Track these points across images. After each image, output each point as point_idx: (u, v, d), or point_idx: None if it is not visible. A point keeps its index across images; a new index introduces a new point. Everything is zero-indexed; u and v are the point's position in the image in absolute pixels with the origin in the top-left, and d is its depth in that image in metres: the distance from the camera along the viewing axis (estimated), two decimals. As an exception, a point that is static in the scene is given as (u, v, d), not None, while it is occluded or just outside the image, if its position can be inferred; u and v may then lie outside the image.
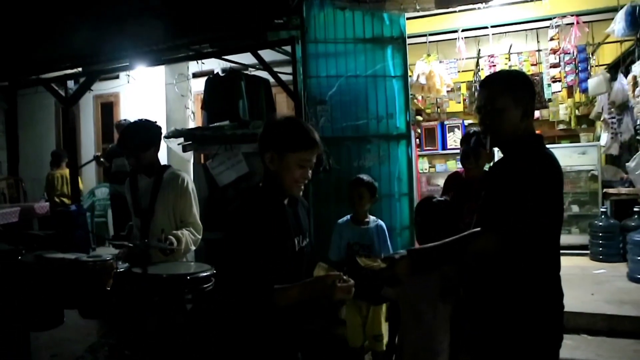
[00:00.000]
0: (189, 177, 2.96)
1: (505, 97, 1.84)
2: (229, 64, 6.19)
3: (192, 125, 7.84)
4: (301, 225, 1.90)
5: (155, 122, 2.96)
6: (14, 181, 8.75)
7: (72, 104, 6.49)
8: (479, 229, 1.80)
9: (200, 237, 2.87)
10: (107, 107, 8.57)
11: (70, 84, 6.51)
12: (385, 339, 3.25)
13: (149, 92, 7.92)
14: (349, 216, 3.37)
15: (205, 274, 2.39)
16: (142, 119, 2.98)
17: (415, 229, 2.51)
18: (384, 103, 4.38)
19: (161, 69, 7.55)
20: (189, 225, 2.84)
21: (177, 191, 2.84)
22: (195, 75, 7.91)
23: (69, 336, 4.47)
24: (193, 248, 2.83)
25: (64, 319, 2.54)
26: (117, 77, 7.81)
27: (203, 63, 6.58)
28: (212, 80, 5.82)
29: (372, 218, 3.37)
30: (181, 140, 4.71)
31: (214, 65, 7.08)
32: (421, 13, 4.60)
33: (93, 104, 8.56)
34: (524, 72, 2.54)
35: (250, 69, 6.20)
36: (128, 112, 8.24)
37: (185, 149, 4.63)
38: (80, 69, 6.07)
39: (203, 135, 4.43)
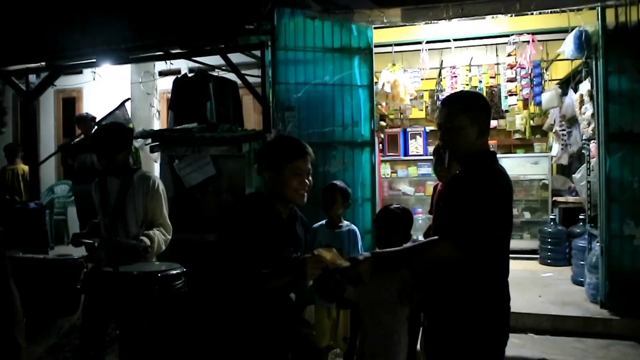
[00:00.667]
0: (159, 179, 3.02)
1: (463, 116, 1.99)
2: (195, 64, 6.22)
3: (157, 123, 7.78)
4: (295, 238, 2.07)
5: (129, 125, 3.01)
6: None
7: (34, 98, 6.36)
8: (436, 237, 1.95)
9: (170, 237, 2.94)
10: (69, 103, 8.39)
11: (32, 78, 6.38)
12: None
13: (114, 89, 7.82)
14: (324, 221, 3.49)
15: (175, 271, 2.47)
16: (115, 122, 3.02)
17: (375, 233, 2.66)
18: (349, 111, 4.55)
19: (127, 66, 7.47)
20: (159, 226, 2.90)
21: (148, 193, 2.90)
22: (161, 74, 7.85)
23: (29, 336, 4.42)
24: (164, 248, 2.89)
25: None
26: (81, 72, 7.66)
27: (172, 63, 6.56)
28: (180, 80, 5.84)
29: (345, 223, 3.50)
30: (149, 140, 4.72)
31: (181, 64, 7.07)
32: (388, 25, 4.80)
33: (54, 99, 8.36)
34: (481, 93, 2.76)
35: (217, 70, 6.24)
36: (92, 108, 8.08)
37: (152, 150, 4.65)
38: (43, 64, 5.94)
39: (172, 136, 4.46)
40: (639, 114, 4.25)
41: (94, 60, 5.63)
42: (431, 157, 7.51)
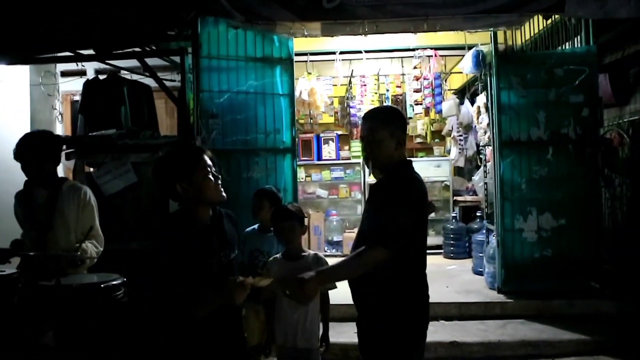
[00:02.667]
0: (89, 190, 2.96)
1: (383, 130, 2.21)
2: (102, 65, 5.97)
3: (59, 127, 7.35)
4: (227, 240, 2.06)
5: (56, 134, 2.92)
6: None
7: None
8: (363, 246, 2.12)
9: (102, 248, 2.90)
10: (-46, 104, 7.59)
11: None
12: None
13: (10, 89, 7.23)
14: (256, 226, 3.59)
15: (116, 282, 2.47)
16: (40, 130, 2.92)
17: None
18: (271, 118, 4.71)
19: (24, 65, 6.96)
20: (91, 237, 2.86)
21: (79, 204, 2.84)
22: (64, 74, 7.41)
23: None
24: (95, 260, 2.85)
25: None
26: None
27: (83, 66, 6.25)
28: (92, 83, 5.59)
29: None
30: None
31: (87, 64, 6.74)
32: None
33: (-64, 99, 7.52)
34: (398, 108, 3.05)
35: (132, 72, 6.06)
36: (-19, 110, 7.43)
37: (68, 157, 4.45)
38: None
39: (91, 142, 4.31)
40: (524, 125, 4.90)
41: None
42: (343, 161, 7.92)
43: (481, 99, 5.72)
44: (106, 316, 2.37)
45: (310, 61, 6.64)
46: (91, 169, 4.57)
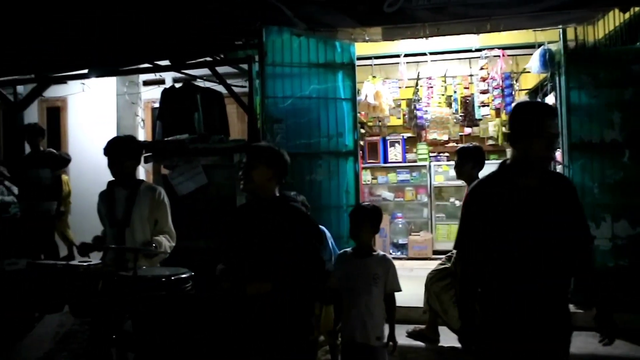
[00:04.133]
0: (163, 190, 3.24)
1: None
2: (180, 74, 6.41)
3: (141, 132, 7.94)
4: (262, 227, 2.41)
5: (137, 139, 3.24)
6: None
7: (21, 109, 6.46)
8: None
9: (174, 244, 3.17)
10: (54, 112, 8.44)
11: (20, 89, 6.48)
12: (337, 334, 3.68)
13: (99, 98, 7.93)
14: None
15: (184, 275, 2.70)
16: (127, 134, 3.27)
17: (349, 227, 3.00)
18: (334, 123, 4.83)
19: (112, 77, 7.60)
20: (165, 233, 3.13)
21: (154, 203, 3.12)
22: (145, 83, 8.01)
23: (26, 343, 4.56)
24: (169, 253, 3.12)
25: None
26: (65, 82, 7.75)
27: (162, 76, 6.75)
28: (168, 91, 6.01)
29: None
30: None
31: (166, 74, 7.24)
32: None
33: (38, 109, 8.40)
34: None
35: (202, 80, 6.45)
36: (77, 117, 8.20)
37: (146, 160, 4.84)
38: (32, 75, 6.04)
39: (165, 147, 4.66)
40: (596, 126, 4.66)
41: (85, 71, 5.78)
42: (409, 164, 7.88)
43: (550, 99, 5.50)
44: (175, 305, 2.60)
45: (375, 64, 6.70)
46: (167, 171, 4.95)
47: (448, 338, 4.22)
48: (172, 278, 2.63)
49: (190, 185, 4.63)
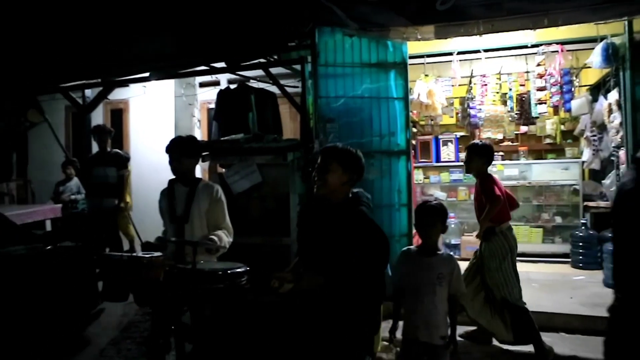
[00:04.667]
0: (220, 188, 3.38)
1: None
2: (234, 76, 6.59)
3: (198, 132, 8.22)
4: (319, 228, 2.47)
5: (199, 140, 3.39)
6: (23, 183, 9.10)
7: (89, 111, 6.85)
8: None
9: (231, 239, 3.29)
10: (117, 114, 8.90)
11: (88, 92, 6.88)
12: (377, 343, 3.67)
13: (158, 100, 8.29)
14: None
15: (240, 269, 2.82)
16: (188, 135, 3.45)
17: (415, 225, 2.97)
18: (386, 122, 4.84)
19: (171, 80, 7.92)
20: (222, 229, 3.26)
21: (212, 200, 3.27)
22: (201, 85, 8.29)
23: (94, 329, 4.87)
24: (227, 248, 3.25)
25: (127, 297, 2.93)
26: (127, 85, 8.15)
27: (218, 77, 6.97)
28: (224, 92, 6.22)
29: None
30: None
31: (221, 75, 7.47)
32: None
33: (103, 111, 8.87)
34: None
35: (255, 80, 6.61)
36: (138, 118, 8.60)
37: (203, 159, 5.02)
38: (99, 80, 6.41)
39: (221, 147, 4.83)
40: (665, 124, 4.43)
41: (147, 75, 6.07)
42: (462, 163, 7.76)
43: (613, 96, 5.27)
44: (231, 298, 2.71)
45: (427, 63, 6.64)
46: (222, 170, 5.12)
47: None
48: (229, 272, 2.74)
49: (245, 184, 4.77)
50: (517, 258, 4.09)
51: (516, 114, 7.55)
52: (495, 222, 3.98)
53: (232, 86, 6.29)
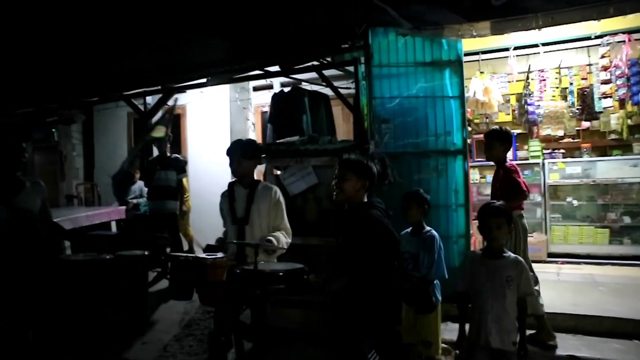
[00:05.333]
0: (279, 190, 3.45)
1: None
2: (287, 79, 6.70)
3: (252, 135, 8.40)
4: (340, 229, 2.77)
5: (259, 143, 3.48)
6: (90, 186, 9.63)
7: (150, 117, 7.16)
8: None
9: (290, 240, 3.35)
10: (175, 119, 9.21)
11: (149, 99, 7.20)
12: (437, 346, 3.63)
13: (214, 105, 8.54)
14: (409, 229, 3.75)
15: (299, 270, 2.86)
16: (248, 138, 3.54)
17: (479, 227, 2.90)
18: (442, 121, 4.77)
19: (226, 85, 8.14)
20: (281, 230, 3.33)
21: (271, 201, 3.34)
22: (255, 89, 8.48)
23: (158, 327, 5.08)
24: (285, 249, 3.31)
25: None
26: (185, 91, 8.44)
27: (271, 81, 7.09)
28: (278, 95, 6.32)
29: (426, 229, 3.71)
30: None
31: (273, 78, 7.59)
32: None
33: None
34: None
35: (308, 83, 6.69)
36: (195, 123, 8.89)
37: (259, 161, 5.14)
38: (159, 87, 6.68)
39: (278, 149, 4.92)
40: None
41: (204, 81, 6.27)
42: (520, 162, 7.54)
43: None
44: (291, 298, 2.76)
45: (482, 60, 6.49)
46: (278, 172, 5.21)
47: (565, 344, 4.00)
48: (290, 272, 2.79)
49: (302, 185, 4.84)
50: (581, 260, 3.94)
51: (577, 109, 7.23)
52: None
53: (286, 89, 6.38)
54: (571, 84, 7.15)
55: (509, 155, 4.70)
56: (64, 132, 9.35)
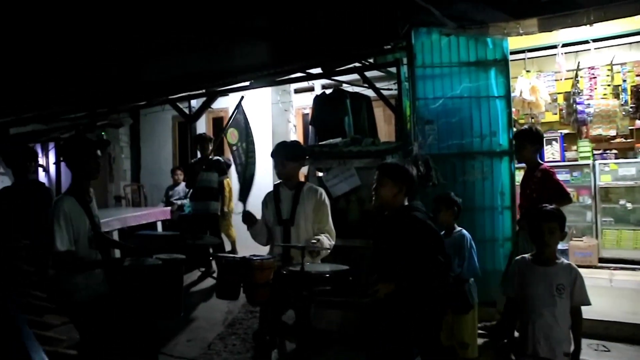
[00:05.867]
0: (324, 192, 3.46)
1: None
2: (328, 80, 6.71)
3: (293, 137, 8.47)
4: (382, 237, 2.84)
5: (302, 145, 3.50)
6: (137, 187, 9.95)
7: (195, 120, 7.34)
8: None
9: (334, 242, 3.36)
10: (218, 122, 9.43)
11: (193, 103, 7.38)
12: (474, 348, 3.60)
13: (256, 107, 8.65)
14: (442, 232, 3.72)
15: (345, 272, 2.87)
16: (293, 140, 3.58)
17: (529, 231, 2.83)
18: (487, 122, 4.68)
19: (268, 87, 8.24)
20: (325, 232, 3.34)
21: (316, 203, 3.36)
22: (296, 91, 8.56)
23: (202, 325, 5.19)
24: (329, 250, 3.33)
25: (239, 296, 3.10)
26: (227, 94, 8.60)
27: (312, 83, 7.14)
28: (320, 97, 6.36)
29: (457, 229, 3.76)
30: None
31: (314, 81, 7.64)
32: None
33: (206, 118, 9.44)
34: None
35: (348, 84, 6.69)
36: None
37: (304, 163, 5.16)
38: (203, 90, 6.84)
39: (321, 151, 4.94)
40: None
41: (247, 84, 6.38)
42: (569, 163, 7.29)
43: None
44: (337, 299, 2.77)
45: (528, 58, 6.31)
46: (320, 174, 5.23)
47: (621, 355, 3.83)
48: (335, 273, 2.80)
49: (344, 187, 4.84)
50: (636, 266, 3.76)
51: (631, 107, 6.91)
52: None
53: (328, 91, 6.40)
54: (624, 81, 6.84)
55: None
56: (113, 136, 9.71)
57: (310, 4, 5.27)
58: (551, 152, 7.35)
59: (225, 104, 8.97)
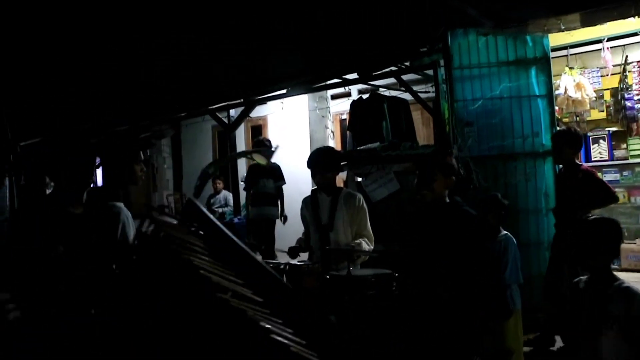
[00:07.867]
0: (362, 197, 3.46)
1: None
2: (365, 85, 6.70)
3: (331, 143, 8.49)
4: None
5: (338, 150, 3.51)
6: (179, 196, 10.21)
7: (234, 129, 7.49)
8: None
9: (373, 246, 3.35)
10: (257, 130, 9.57)
11: (232, 112, 7.53)
12: (519, 356, 3.49)
13: (294, 115, 8.74)
14: None
15: (389, 276, 2.86)
16: (327, 146, 3.58)
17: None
18: (529, 122, 4.57)
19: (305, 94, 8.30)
20: (364, 237, 3.34)
21: (355, 208, 3.36)
22: (333, 97, 8.58)
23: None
24: (368, 255, 3.32)
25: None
26: (265, 103, 8.72)
27: (349, 89, 7.16)
28: (357, 103, 6.36)
29: (502, 233, 3.64)
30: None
31: (351, 86, 7.63)
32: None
33: (244, 127, 9.60)
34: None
35: (388, 89, 6.65)
36: (275, 133, 9.16)
37: (341, 169, 5.19)
38: (242, 100, 6.97)
39: (359, 156, 4.95)
40: None
41: (284, 92, 6.46)
42: (618, 162, 7.02)
43: None
44: (380, 304, 2.76)
45: (570, 55, 6.12)
46: (359, 179, 5.23)
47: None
48: (380, 278, 2.80)
49: (383, 192, 4.82)
50: None
51: (684, 101, 6.61)
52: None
53: (365, 96, 6.40)
54: (677, 75, 6.54)
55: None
56: (155, 146, 10.01)
57: (345, 8, 5.29)
58: (598, 151, 7.09)
59: (264, 112, 9.11)
